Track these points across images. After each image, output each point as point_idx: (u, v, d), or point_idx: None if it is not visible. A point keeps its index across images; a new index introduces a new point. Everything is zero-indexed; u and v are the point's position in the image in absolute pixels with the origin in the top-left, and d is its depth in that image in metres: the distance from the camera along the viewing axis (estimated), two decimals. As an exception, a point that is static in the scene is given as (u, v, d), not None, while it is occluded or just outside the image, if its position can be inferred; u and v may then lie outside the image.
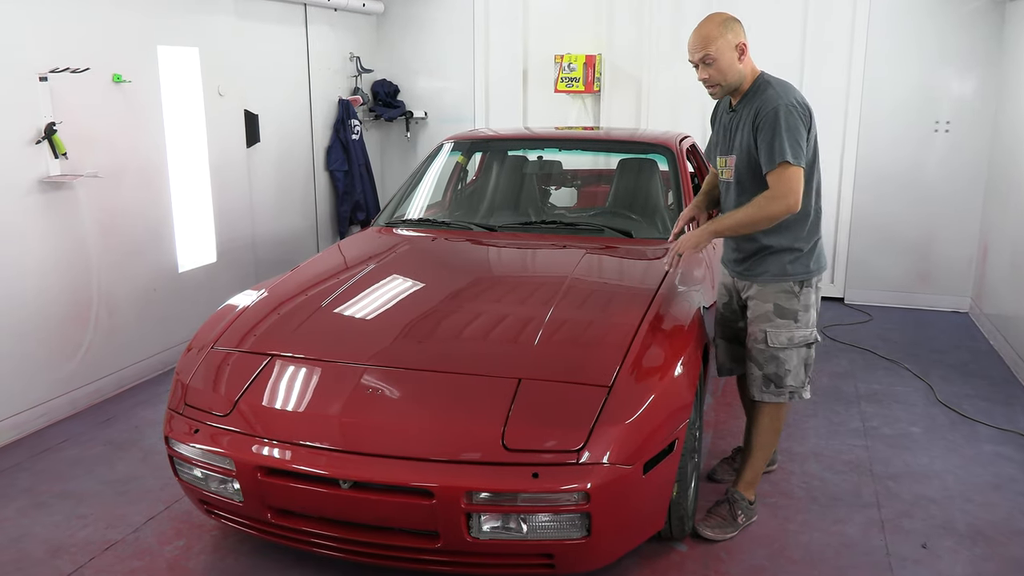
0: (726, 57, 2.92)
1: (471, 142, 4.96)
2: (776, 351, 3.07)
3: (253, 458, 2.57)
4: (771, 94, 2.92)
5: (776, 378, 3.09)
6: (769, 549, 3.06)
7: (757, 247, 3.07)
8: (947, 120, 6.03)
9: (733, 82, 2.97)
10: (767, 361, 3.09)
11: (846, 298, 6.51)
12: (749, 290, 3.15)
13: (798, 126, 2.88)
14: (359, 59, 6.88)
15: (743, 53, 2.94)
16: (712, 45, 2.90)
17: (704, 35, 2.93)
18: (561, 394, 2.60)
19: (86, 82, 4.12)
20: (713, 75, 2.95)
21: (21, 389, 3.95)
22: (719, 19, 2.95)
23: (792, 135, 2.86)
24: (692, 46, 2.96)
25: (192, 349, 3.05)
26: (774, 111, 2.87)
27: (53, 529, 3.18)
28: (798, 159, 2.85)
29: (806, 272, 3.05)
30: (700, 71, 2.97)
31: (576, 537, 2.47)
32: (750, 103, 2.97)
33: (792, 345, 3.06)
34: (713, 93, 3.03)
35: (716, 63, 2.92)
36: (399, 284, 3.44)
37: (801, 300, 3.06)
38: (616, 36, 6.66)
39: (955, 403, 4.45)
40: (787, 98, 2.90)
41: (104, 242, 4.36)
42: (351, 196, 6.76)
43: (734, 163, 3.05)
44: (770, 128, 2.87)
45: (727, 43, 2.91)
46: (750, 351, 3.14)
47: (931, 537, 3.16)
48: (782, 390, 3.11)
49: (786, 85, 2.98)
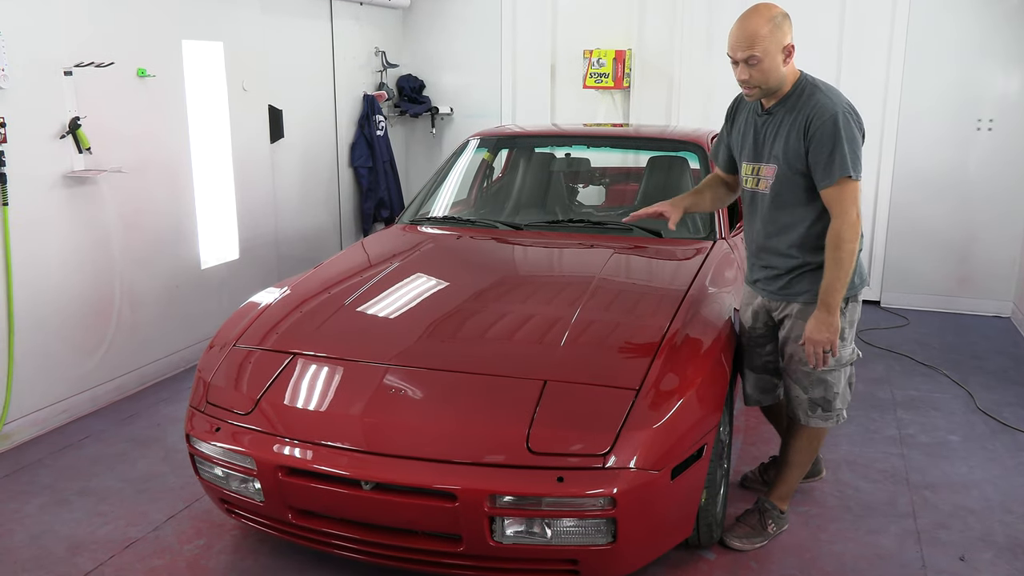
0: (773, 59, 2.68)
1: (497, 139, 4.96)
2: (824, 374, 2.91)
3: (274, 457, 2.59)
4: (823, 100, 2.71)
5: (824, 402, 2.96)
6: (800, 559, 3.03)
7: (793, 264, 2.89)
8: (990, 118, 5.94)
9: (774, 86, 2.75)
10: (813, 385, 2.95)
11: (883, 301, 6.43)
12: (786, 309, 2.95)
13: (856, 136, 2.70)
14: (384, 54, 6.90)
15: (790, 55, 2.72)
16: (759, 45, 2.66)
17: (751, 32, 2.66)
18: (587, 396, 2.59)
19: (111, 77, 4.17)
20: (755, 76, 2.71)
21: (43, 385, 4.01)
22: (769, 14, 2.68)
23: (852, 146, 2.67)
24: (736, 42, 2.70)
25: (214, 346, 3.08)
26: (832, 120, 2.67)
27: (74, 526, 3.22)
28: (858, 173, 2.68)
29: (850, 287, 2.82)
30: (740, 70, 2.73)
31: (601, 543, 2.46)
32: (793, 108, 2.77)
33: (840, 365, 2.92)
34: (750, 95, 2.82)
35: (760, 64, 2.68)
36: (423, 283, 3.45)
37: (847, 316, 2.87)
38: (647, 31, 6.63)
39: (995, 411, 4.38)
40: (841, 105, 2.71)
41: (127, 237, 4.41)
42: (375, 193, 6.79)
43: (772, 173, 2.84)
44: (829, 138, 2.66)
45: (776, 44, 2.67)
46: (792, 373, 2.98)
47: (969, 549, 3.11)
48: (830, 414, 2.99)
49: (833, 89, 2.79)
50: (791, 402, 3.05)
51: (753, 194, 2.97)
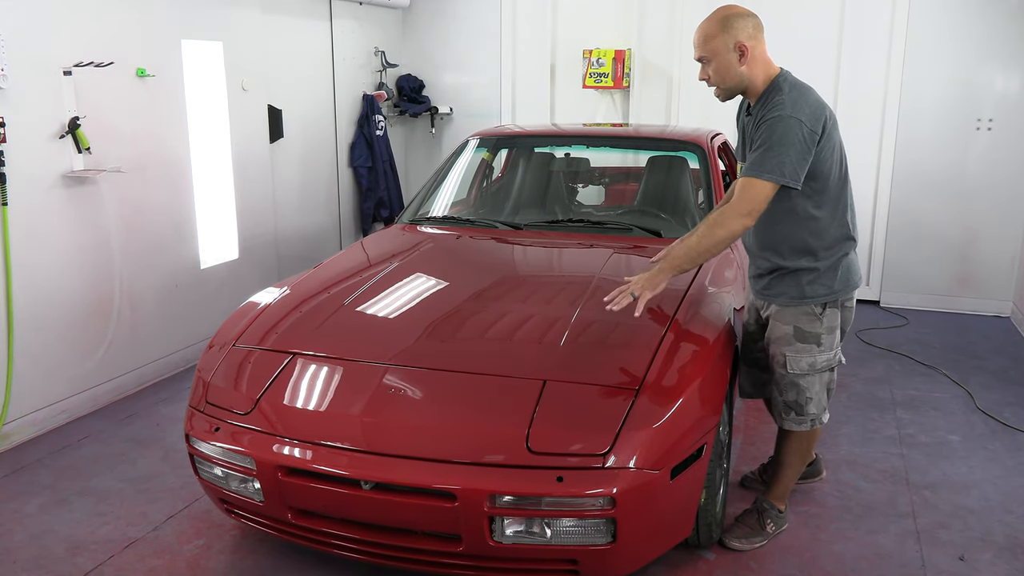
0: (723, 58, 2.77)
1: (497, 138, 4.97)
2: (796, 378, 2.95)
3: (274, 457, 2.59)
4: (777, 101, 2.73)
5: (796, 406, 3.00)
6: (800, 559, 3.04)
7: (770, 267, 2.96)
8: (989, 118, 5.95)
9: (732, 85, 2.82)
10: (787, 388, 2.99)
11: (882, 301, 6.44)
12: (768, 309, 3.03)
13: (796, 144, 2.67)
14: (384, 53, 6.91)
15: (743, 54, 2.76)
16: (707, 45, 2.78)
17: (701, 34, 2.81)
18: (587, 396, 2.60)
19: (110, 76, 4.18)
20: (712, 76, 2.82)
21: (42, 385, 4.01)
22: (719, 15, 2.80)
23: (780, 151, 2.67)
24: (693, 42, 2.85)
25: (214, 346, 3.08)
26: (776, 120, 2.69)
27: (74, 526, 3.23)
28: (772, 175, 2.67)
29: (828, 293, 2.88)
30: (700, 71, 2.87)
31: (601, 543, 2.46)
32: (764, 106, 2.79)
33: (814, 371, 2.94)
34: (717, 95, 2.91)
35: (712, 63, 2.80)
36: (423, 283, 3.46)
37: (824, 323, 2.91)
38: (647, 30, 6.64)
39: (995, 411, 4.38)
40: (792, 109, 2.69)
41: (126, 237, 4.42)
42: (375, 193, 6.80)
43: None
44: (764, 136, 2.71)
45: (724, 43, 2.76)
46: (772, 374, 3.06)
47: (969, 549, 3.11)
48: (803, 418, 3.01)
49: (801, 92, 2.76)
50: (770, 402, 3.13)
51: None
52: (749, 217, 2.74)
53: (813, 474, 3.55)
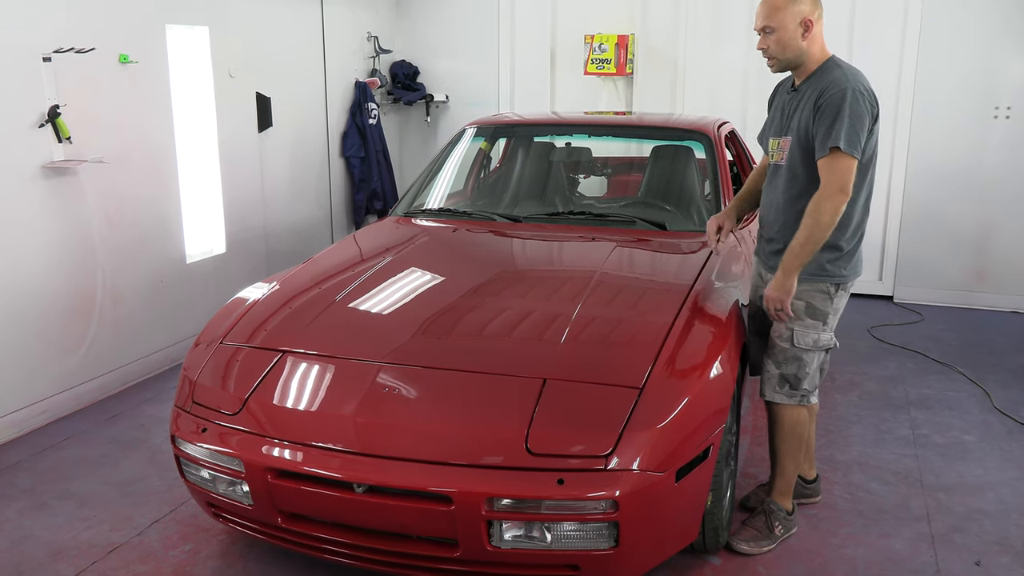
0: (788, 31, 2.91)
1: (495, 127, 4.96)
2: (800, 352, 3.06)
3: (263, 459, 2.59)
4: (838, 76, 2.90)
5: (794, 379, 3.09)
6: (810, 564, 3.04)
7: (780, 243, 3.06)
8: (1008, 106, 5.94)
9: (791, 58, 2.96)
10: (788, 361, 3.08)
11: (896, 297, 6.44)
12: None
13: (862, 115, 2.84)
14: (377, 39, 6.90)
15: (808, 29, 2.92)
16: (775, 16, 2.91)
17: (769, 4, 2.93)
18: (589, 396, 2.60)
19: (91, 63, 4.16)
20: (772, 47, 2.95)
21: (22, 384, 4.01)
22: None
23: (854, 123, 2.82)
24: (758, 12, 2.97)
25: (200, 344, 3.08)
26: (841, 93, 2.84)
27: (55, 531, 3.23)
28: (853, 148, 2.81)
29: (843, 275, 3.03)
30: (760, 40, 2.98)
31: (603, 548, 2.46)
32: (815, 84, 2.95)
33: (816, 348, 3.06)
34: (770, 66, 3.03)
35: (776, 34, 2.92)
36: (418, 278, 3.45)
37: (834, 303, 3.05)
38: (651, 15, 6.63)
39: (1012, 410, 4.39)
40: (855, 83, 2.87)
41: (109, 231, 4.41)
42: (368, 184, 6.79)
43: (788, 145, 3.03)
44: (833, 111, 2.84)
45: (792, 15, 2.89)
46: (770, 347, 3.14)
47: (985, 554, 3.12)
48: (796, 392, 3.11)
49: (856, 71, 2.96)
50: (762, 376, 3.19)
51: (775, 167, 3.14)
52: (843, 193, 2.84)
53: (810, 495, 3.50)
